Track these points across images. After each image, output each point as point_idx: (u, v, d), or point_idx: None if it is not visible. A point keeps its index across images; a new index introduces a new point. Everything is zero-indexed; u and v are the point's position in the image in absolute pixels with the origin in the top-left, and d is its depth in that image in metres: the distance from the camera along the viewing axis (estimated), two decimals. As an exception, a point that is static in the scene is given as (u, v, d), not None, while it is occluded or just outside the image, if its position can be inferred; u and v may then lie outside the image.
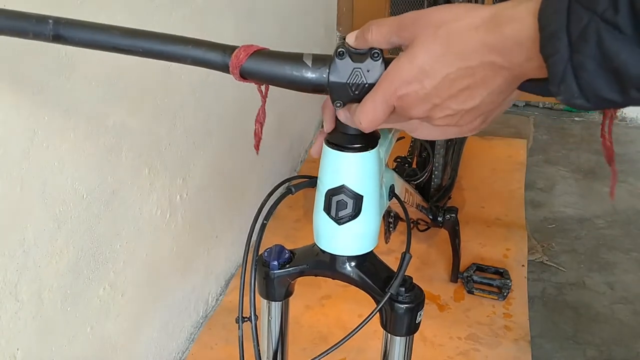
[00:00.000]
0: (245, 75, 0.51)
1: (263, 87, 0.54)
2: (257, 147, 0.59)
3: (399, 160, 1.59)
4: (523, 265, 1.65)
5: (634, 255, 1.75)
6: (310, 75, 0.49)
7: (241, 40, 0.54)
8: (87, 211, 0.96)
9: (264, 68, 0.50)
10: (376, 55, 0.48)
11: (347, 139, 0.56)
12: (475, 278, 1.56)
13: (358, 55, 0.48)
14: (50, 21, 0.53)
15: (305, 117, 2.12)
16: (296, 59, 0.49)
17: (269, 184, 1.82)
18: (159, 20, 1.08)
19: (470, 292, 1.54)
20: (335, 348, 0.58)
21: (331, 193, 0.57)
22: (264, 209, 0.65)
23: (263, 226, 0.65)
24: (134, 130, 1.05)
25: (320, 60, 0.49)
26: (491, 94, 0.44)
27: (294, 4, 1.90)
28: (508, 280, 1.55)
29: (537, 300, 1.57)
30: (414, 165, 1.64)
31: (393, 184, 0.70)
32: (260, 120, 0.57)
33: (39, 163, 0.83)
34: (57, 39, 0.54)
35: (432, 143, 1.58)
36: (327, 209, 0.58)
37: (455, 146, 1.67)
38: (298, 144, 2.12)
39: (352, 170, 0.56)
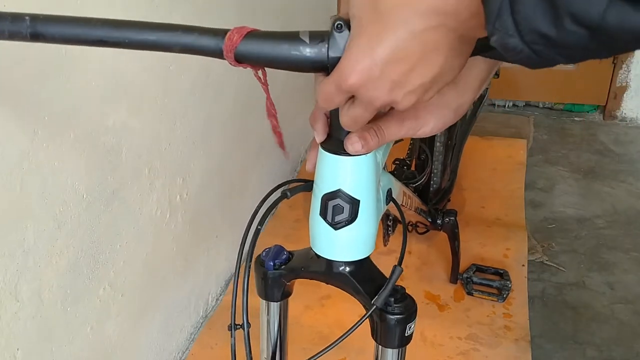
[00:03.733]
0: (240, 59, 0.47)
1: (260, 73, 0.50)
2: (281, 144, 0.55)
3: (397, 162, 1.58)
4: (523, 265, 1.65)
5: (634, 255, 1.75)
6: (308, 52, 0.46)
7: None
8: (87, 211, 0.96)
9: (259, 49, 0.46)
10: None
11: (343, 143, 0.55)
12: (474, 279, 1.56)
13: None
14: (27, 18, 0.49)
15: (304, 117, 2.11)
16: (293, 36, 0.46)
17: (269, 184, 1.82)
18: (158, 20, 1.08)
19: (469, 293, 1.53)
20: (322, 354, 0.58)
21: (327, 197, 0.56)
22: (258, 213, 0.65)
23: (257, 231, 0.64)
24: (134, 130, 1.05)
25: (318, 36, 0.46)
26: (447, 58, 0.42)
27: (293, 5, 1.90)
28: (508, 282, 1.55)
29: (537, 300, 1.57)
30: (413, 168, 1.64)
31: (390, 188, 0.69)
32: (272, 114, 0.53)
33: (39, 163, 0.83)
34: (36, 37, 0.50)
35: (431, 145, 1.58)
36: (324, 214, 0.57)
37: (454, 148, 1.67)
38: (298, 144, 2.12)
39: (349, 175, 0.55)
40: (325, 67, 0.46)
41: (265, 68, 0.50)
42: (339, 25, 0.45)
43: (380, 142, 0.53)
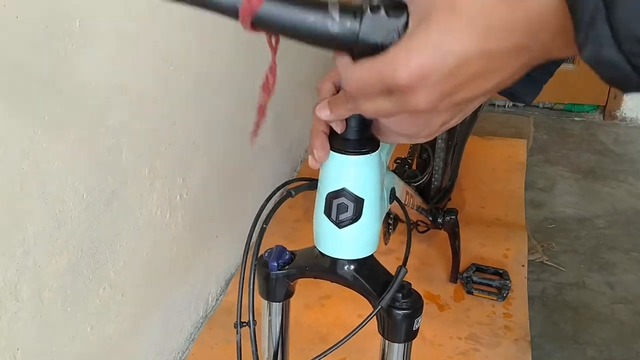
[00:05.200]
0: (258, 24, 0.41)
1: (273, 40, 0.44)
2: (257, 126, 0.48)
3: (399, 161, 1.58)
4: (523, 266, 1.65)
5: (634, 255, 1.75)
6: (337, 29, 0.40)
7: (243, 38, 0.49)
8: (87, 211, 0.96)
9: (281, 17, 0.40)
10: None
11: (348, 142, 0.55)
12: (474, 279, 1.56)
13: (395, 10, 0.40)
14: None
15: (305, 116, 2.12)
16: (320, 7, 0.41)
17: (269, 184, 1.82)
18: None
19: (469, 292, 1.54)
20: (327, 353, 0.58)
21: (332, 196, 0.57)
22: (263, 212, 0.65)
23: (262, 230, 0.64)
24: (134, 130, 1.05)
25: (349, 12, 0.40)
26: (504, 79, 0.39)
27: None
28: (507, 281, 1.55)
29: (537, 300, 1.57)
30: (414, 167, 1.64)
31: (394, 187, 0.69)
32: (268, 88, 0.45)
33: (39, 163, 0.83)
34: None
35: (432, 145, 1.58)
36: (328, 212, 0.57)
37: (455, 147, 1.67)
38: (298, 144, 2.12)
39: (353, 173, 0.56)
40: (351, 49, 0.42)
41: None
42: (376, 7, 0.40)
43: (344, 114, 0.51)
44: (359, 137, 0.55)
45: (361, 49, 0.41)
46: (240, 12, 0.40)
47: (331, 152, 0.56)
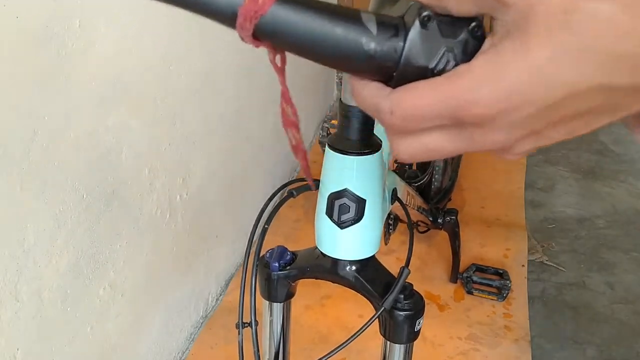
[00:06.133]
0: (262, 34, 0.29)
1: (278, 59, 0.32)
2: (307, 168, 0.35)
3: (399, 161, 1.59)
4: (523, 266, 1.65)
5: (634, 255, 1.75)
6: (374, 47, 0.29)
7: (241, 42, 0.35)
8: (87, 211, 0.95)
9: (300, 24, 0.29)
10: (476, 29, 0.29)
11: (350, 143, 0.55)
12: (474, 279, 1.56)
13: (450, 27, 0.29)
14: None
15: (305, 116, 2.12)
16: (351, 18, 0.29)
17: (269, 184, 1.82)
18: (165, 19, 1.08)
19: (469, 292, 1.54)
20: (328, 357, 0.58)
21: (334, 197, 0.57)
22: (264, 212, 0.65)
23: (264, 230, 0.64)
24: (134, 130, 1.05)
25: (390, 27, 0.29)
26: (614, 120, 0.29)
27: None
28: (507, 281, 1.55)
29: (537, 300, 1.57)
30: (414, 167, 1.64)
31: (395, 187, 0.70)
32: (292, 121, 0.33)
33: (39, 163, 0.83)
34: None
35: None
36: (330, 213, 0.57)
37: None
38: (298, 144, 2.11)
39: (355, 174, 0.56)
40: (390, 75, 0.30)
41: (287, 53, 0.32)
42: (426, 18, 0.29)
43: None
44: (361, 137, 0.55)
45: (403, 74, 0.30)
46: (239, 14, 0.28)
47: (333, 152, 0.56)
